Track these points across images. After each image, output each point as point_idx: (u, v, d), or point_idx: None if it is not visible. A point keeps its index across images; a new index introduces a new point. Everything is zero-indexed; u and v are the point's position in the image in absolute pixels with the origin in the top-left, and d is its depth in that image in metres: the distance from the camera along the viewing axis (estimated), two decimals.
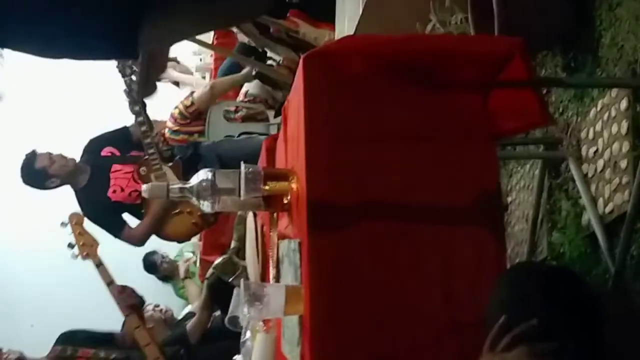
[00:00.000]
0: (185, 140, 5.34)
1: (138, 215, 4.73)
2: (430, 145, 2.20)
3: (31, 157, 4.68)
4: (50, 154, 4.67)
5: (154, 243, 5.14)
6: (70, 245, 4.34)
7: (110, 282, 4.33)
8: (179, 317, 6.14)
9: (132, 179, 4.63)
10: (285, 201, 2.32)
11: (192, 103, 5.37)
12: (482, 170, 2.20)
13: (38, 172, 4.63)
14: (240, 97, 5.73)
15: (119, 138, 4.80)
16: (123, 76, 4.49)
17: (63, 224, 4.38)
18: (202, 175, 2.32)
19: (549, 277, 1.83)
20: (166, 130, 5.33)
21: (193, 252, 6.90)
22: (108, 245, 4.75)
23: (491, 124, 2.31)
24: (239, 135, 5.20)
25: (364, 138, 2.17)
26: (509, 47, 2.28)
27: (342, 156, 2.14)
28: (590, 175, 2.86)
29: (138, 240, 4.75)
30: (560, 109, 3.11)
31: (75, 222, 4.32)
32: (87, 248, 4.30)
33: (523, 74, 2.37)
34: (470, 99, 2.25)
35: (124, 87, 4.45)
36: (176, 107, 5.42)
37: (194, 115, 5.33)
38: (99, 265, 4.33)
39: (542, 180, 3.21)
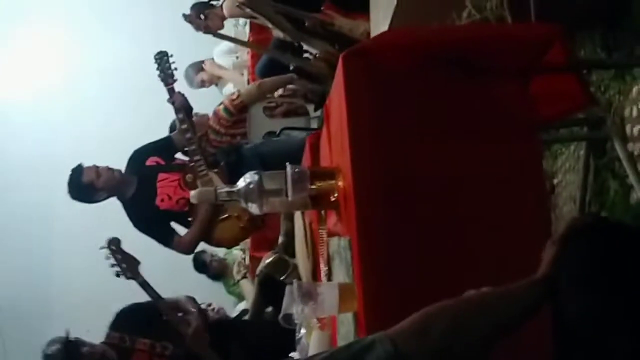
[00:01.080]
0: (229, 141, 5.35)
1: (185, 224, 4.76)
2: (473, 135, 2.20)
3: (77, 171, 4.69)
4: (96, 167, 4.69)
5: (202, 244, 5.18)
6: (113, 265, 4.37)
7: (157, 298, 4.34)
8: (233, 315, 6.18)
9: (179, 186, 4.65)
10: (333, 199, 2.34)
11: (238, 96, 5.37)
12: (525, 155, 2.21)
13: (85, 187, 4.65)
14: (279, 91, 5.75)
15: (163, 147, 4.83)
16: (165, 85, 4.55)
17: (102, 248, 4.41)
18: (249, 177, 2.34)
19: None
20: (209, 131, 5.34)
21: (242, 250, 6.92)
22: (158, 248, 4.80)
23: (534, 110, 2.30)
24: (281, 131, 5.21)
25: (407, 132, 2.18)
26: (548, 33, 2.27)
27: (386, 152, 2.15)
28: (636, 153, 2.84)
29: (187, 247, 4.77)
30: (602, 88, 3.08)
31: (113, 246, 4.35)
32: (129, 269, 4.32)
33: (563, 58, 2.37)
34: (512, 86, 2.25)
35: (167, 96, 4.52)
36: (221, 104, 5.43)
37: (238, 108, 5.32)
38: (143, 283, 4.35)
39: (588, 161, 3.19)
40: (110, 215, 4.90)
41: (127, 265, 4.32)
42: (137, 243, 4.49)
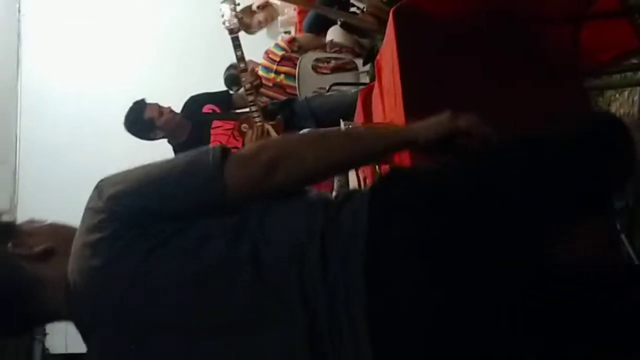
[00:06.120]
0: (274, 80, 5.37)
1: None
2: (524, 85, 2.21)
3: (140, 106, 4.73)
4: (159, 105, 4.74)
5: None
6: None
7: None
8: None
9: (232, 135, 4.68)
10: None
11: (294, 39, 5.43)
12: (572, 102, 2.21)
13: (145, 122, 4.69)
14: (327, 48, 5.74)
15: (221, 98, 4.90)
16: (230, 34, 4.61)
17: None
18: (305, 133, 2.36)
19: None
20: (259, 68, 5.37)
21: None
22: None
23: (584, 57, 2.30)
24: (331, 87, 5.21)
25: (459, 84, 2.18)
26: None
27: (439, 105, 2.15)
28: None
29: None
30: None
31: None
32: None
33: (615, 3, 2.35)
34: (560, 33, 2.25)
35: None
36: (275, 44, 5.53)
37: (292, 47, 5.36)
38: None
39: None
40: None
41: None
42: None
